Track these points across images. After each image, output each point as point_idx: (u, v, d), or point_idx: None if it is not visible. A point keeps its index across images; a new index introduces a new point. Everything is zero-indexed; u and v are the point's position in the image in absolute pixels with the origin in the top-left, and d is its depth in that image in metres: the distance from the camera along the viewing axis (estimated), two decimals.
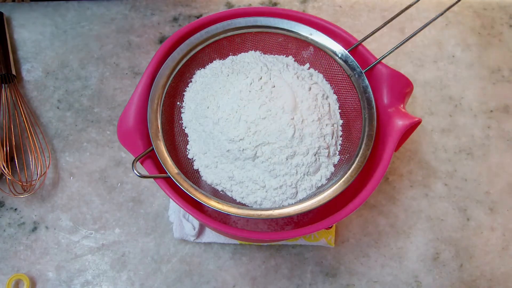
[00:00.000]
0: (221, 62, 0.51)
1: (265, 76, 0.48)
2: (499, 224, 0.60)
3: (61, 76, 0.66)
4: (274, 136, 0.45)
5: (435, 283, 0.57)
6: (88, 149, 0.62)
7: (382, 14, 0.72)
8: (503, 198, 0.61)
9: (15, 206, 0.59)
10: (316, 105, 0.47)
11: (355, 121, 0.49)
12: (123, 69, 0.67)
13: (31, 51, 0.67)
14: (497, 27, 0.72)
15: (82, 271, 0.56)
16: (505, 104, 0.67)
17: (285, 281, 0.57)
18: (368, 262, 0.58)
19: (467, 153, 0.64)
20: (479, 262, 0.58)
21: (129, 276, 0.56)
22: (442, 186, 0.62)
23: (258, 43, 0.52)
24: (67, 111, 0.64)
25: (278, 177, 0.45)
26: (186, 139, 0.49)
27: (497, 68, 0.69)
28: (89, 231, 0.58)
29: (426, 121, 0.65)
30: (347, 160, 0.47)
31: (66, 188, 0.60)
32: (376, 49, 0.69)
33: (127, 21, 0.70)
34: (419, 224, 0.60)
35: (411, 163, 0.63)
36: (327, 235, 0.58)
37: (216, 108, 0.47)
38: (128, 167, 0.61)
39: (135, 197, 0.60)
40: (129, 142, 0.45)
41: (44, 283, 0.56)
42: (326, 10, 0.72)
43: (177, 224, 0.57)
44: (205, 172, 0.47)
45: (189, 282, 0.56)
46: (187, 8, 0.71)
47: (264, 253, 0.58)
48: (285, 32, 0.51)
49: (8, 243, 0.57)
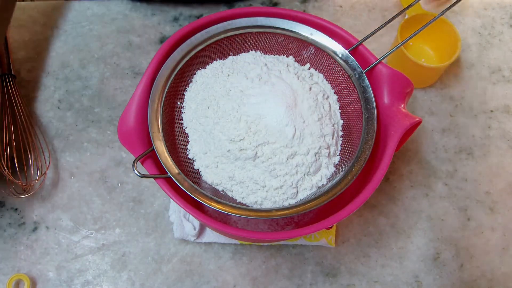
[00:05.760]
0: (221, 62, 0.51)
1: (265, 76, 0.48)
2: (500, 224, 0.60)
3: (61, 76, 0.66)
4: (274, 136, 0.45)
5: (436, 283, 0.57)
6: (89, 149, 0.62)
7: (382, 14, 0.72)
8: (504, 198, 0.62)
9: (15, 206, 0.59)
10: (316, 105, 0.47)
11: (356, 121, 0.49)
12: (124, 69, 0.67)
13: (31, 51, 0.67)
14: (497, 27, 0.72)
15: (83, 271, 0.56)
16: (505, 104, 0.67)
17: (285, 281, 0.57)
18: (369, 262, 0.58)
19: (468, 153, 0.64)
20: (479, 262, 0.58)
21: (129, 276, 0.56)
22: (443, 186, 0.62)
23: (259, 43, 0.52)
24: (68, 111, 0.64)
25: (279, 177, 0.45)
26: (186, 139, 0.49)
27: (498, 68, 0.69)
28: (89, 231, 0.58)
29: (426, 121, 0.65)
30: (348, 160, 0.47)
31: (66, 188, 0.60)
32: (376, 49, 0.69)
33: (128, 21, 0.70)
34: (419, 224, 0.60)
35: (412, 163, 0.63)
36: (328, 235, 0.58)
37: (216, 108, 0.47)
38: (128, 167, 0.61)
39: (136, 197, 0.60)
40: (129, 142, 0.45)
41: (44, 283, 0.56)
42: (326, 10, 0.72)
43: (177, 224, 0.57)
44: (205, 172, 0.47)
45: (189, 282, 0.56)
46: (188, 8, 0.71)
47: (264, 253, 0.58)
48: (285, 32, 0.51)
49: (8, 243, 0.57)
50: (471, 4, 0.74)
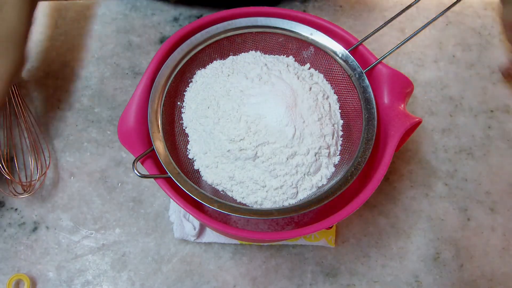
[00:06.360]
0: (221, 62, 0.51)
1: (265, 76, 0.48)
2: (500, 224, 0.60)
3: (61, 76, 0.66)
4: (274, 136, 0.45)
5: (436, 283, 0.57)
6: (89, 149, 0.62)
7: (383, 14, 0.72)
8: (504, 198, 0.61)
9: (15, 206, 0.59)
10: (316, 105, 0.47)
11: (356, 121, 0.49)
12: (124, 69, 0.67)
13: (31, 51, 0.67)
14: (498, 27, 0.72)
15: (83, 271, 0.56)
16: (505, 104, 0.67)
17: (285, 281, 0.57)
18: (369, 262, 0.58)
19: (468, 153, 0.64)
20: (479, 262, 0.58)
21: (129, 276, 0.56)
22: (443, 186, 0.62)
23: (259, 43, 0.52)
24: (68, 111, 0.64)
25: (279, 177, 0.45)
26: (186, 139, 0.49)
27: (498, 68, 0.69)
28: (89, 231, 0.58)
29: (426, 121, 0.65)
30: (348, 160, 0.47)
31: (66, 188, 0.60)
32: (376, 49, 0.69)
33: (128, 21, 0.70)
34: (419, 224, 0.60)
35: (412, 163, 0.63)
36: (328, 235, 0.58)
37: (216, 108, 0.47)
38: (128, 167, 0.61)
39: (136, 197, 0.60)
40: (129, 142, 0.45)
41: (44, 283, 0.56)
42: (326, 10, 0.72)
43: (177, 224, 0.57)
44: (205, 172, 0.47)
45: (189, 282, 0.56)
46: (188, 8, 0.71)
47: (264, 253, 0.58)
48: (285, 32, 0.51)
49: (8, 243, 0.57)
50: (471, 4, 0.74)
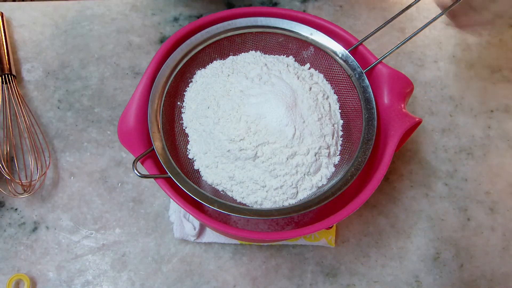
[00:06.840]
0: (221, 62, 0.51)
1: (265, 76, 0.48)
2: (500, 224, 0.60)
3: (61, 76, 0.66)
4: (274, 136, 0.45)
5: (436, 283, 0.57)
6: (89, 149, 0.62)
7: (382, 14, 0.72)
8: (504, 198, 0.61)
9: (15, 206, 0.59)
10: (316, 105, 0.47)
11: (356, 121, 0.49)
12: (124, 69, 0.67)
13: (31, 51, 0.67)
14: (497, 27, 0.72)
15: (83, 271, 0.56)
16: (505, 104, 0.67)
17: (285, 281, 0.57)
18: (369, 262, 0.58)
19: (468, 153, 0.64)
20: (479, 262, 0.58)
21: (129, 276, 0.56)
22: (443, 186, 0.62)
23: (259, 43, 0.52)
24: (68, 111, 0.64)
25: (279, 177, 0.45)
26: (186, 139, 0.49)
27: (498, 68, 0.69)
28: (89, 231, 0.58)
29: (426, 121, 0.65)
30: (348, 160, 0.47)
31: (66, 188, 0.60)
32: (376, 49, 0.69)
33: (128, 21, 0.70)
34: (419, 224, 0.60)
35: (412, 163, 0.63)
36: (328, 235, 0.58)
37: (216, 108, 0.47)
38: (128, 167, 0.61)
39: (136, 197, 0.60)
40: (129, 142, 0.45)
41: (44, 283, 0.56)
42: (326, 10, 0.72)
43: (177, 224, 0.57)
44: (205, 172, 0.47)
45: (189, 282, 0.56)
46: (188, 8, 0.71)
47: (264, 253, 0.58)
48: (285, 32, 0.51)
49: (8, 243, 0.57)
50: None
